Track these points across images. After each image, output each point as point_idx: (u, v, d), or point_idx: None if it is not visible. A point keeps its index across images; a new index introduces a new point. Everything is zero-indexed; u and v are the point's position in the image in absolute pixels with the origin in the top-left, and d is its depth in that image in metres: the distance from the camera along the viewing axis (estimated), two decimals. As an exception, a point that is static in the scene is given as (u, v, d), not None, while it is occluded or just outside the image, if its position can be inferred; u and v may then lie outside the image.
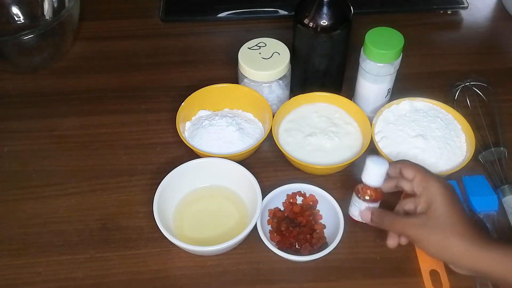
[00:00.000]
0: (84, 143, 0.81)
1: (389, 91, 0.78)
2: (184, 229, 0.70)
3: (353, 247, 0.69)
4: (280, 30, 0.88)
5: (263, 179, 0.74)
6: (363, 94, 0.79)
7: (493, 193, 0.73)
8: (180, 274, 0.67)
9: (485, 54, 0.93)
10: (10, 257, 0.69)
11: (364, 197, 0.64)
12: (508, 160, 0.77)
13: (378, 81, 0.76)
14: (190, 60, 0.93)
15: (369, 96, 0.79)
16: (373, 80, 0.76)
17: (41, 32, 0.83)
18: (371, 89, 0.77)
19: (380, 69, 0.74)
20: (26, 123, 0.84)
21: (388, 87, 0.77)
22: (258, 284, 0.66)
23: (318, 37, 0.76)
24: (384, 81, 0.76)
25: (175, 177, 0.70)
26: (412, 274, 0.67)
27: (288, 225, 0.68)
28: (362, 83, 0.77)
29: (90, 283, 0.67)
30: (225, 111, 0.81)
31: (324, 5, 0.73)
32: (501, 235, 0.69)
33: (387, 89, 0.77)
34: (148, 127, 0.83)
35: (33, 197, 0.75)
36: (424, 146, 0.73)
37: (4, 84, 0.90)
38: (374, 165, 0.62)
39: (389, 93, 0.79)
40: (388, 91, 0.78)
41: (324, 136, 0.76)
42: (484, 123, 0.80)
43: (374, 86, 0.77)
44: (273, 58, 0.78)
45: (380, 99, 0.79)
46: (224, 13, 1.00)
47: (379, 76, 0.75)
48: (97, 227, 0.72)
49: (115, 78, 0.90)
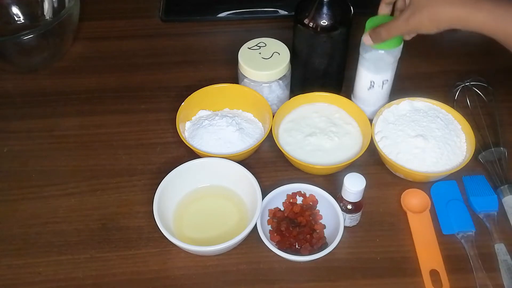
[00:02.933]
0: (84, 143, 0.81)
1: (384, 82, 0.77)
2: (184, 229, 0.70)
3: (353, 247, 0.69)
4: (280, 30, 0.88)
5: (263, 179, 0.74)
6: (362, 84, 0.78)
7: (493, 193, 0.73)
8: (180, 274, 0.67)
9: (485, 54, 0.93)
10: (10, 257, 0.69)
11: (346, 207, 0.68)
12: (508, 160, 0.77)
13: (378, 70, 0.75)
14: (190, 60, 0.93)
15: (366, 87, 0.78)
16: (373, 70, 0.75)
17: (41, 32, 0.83)
18: (370, 79, 0.77)
19: (380, 57, 0.74)
20: (26, 123, 0.84)
21: (385, 78, 0.77)
22: (258, 284, 0.66)
23: (318, 37, 0.76)
24: (386, 71, 0.75)
25: (175, 177, 0.70)
26: (412, 274, 0.67)
27: (288, 225, 0.68)
28: (361, 71, 0.77)
29: (90, 283, 0.67)
30: (225, 111, 0.81)
31: (324, 5, 0.73)
32: (501, 235, 0.69)
33: (383, 80, 0.77)
34: (148, 127, 0.83)
35: (33, 197, 0.75)
36: (424, 146, 0.73)
37: (4, 84, 0.90)
38: (351, 185, 0.65)
39: (386, 85, 0.78)
40: (383, 82, 0.77)
41: (324, 136, 0.76)
42: (484, 123, 0.80)
43: (373, 75, 0.76)
44: (273, 58, 0.78)
45: (378, 93, 0.78)
46: (224, 13, 1.00)
47: (379, 64, 0.75)
48: (97, 227, 0.72)
49: (115, 78, 0.90)
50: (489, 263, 0.67)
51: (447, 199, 0.73)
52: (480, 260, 0.66)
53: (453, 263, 0.67)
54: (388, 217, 0.72)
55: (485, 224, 0.70)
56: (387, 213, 0.72)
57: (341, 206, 0.68)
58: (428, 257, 0.67)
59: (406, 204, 0.72)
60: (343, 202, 0.68)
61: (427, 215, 0.71)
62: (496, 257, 0.67)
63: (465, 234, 0.69)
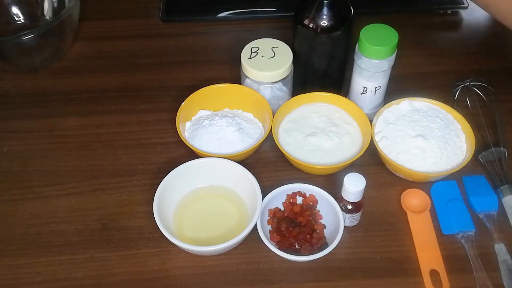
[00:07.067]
0: (84, 143, 0.81)
1: (377, 89, 0.78)
2: (184, 229, 0.70)
3: (353, 247, 0.69)
4: (280, 30, 0.88)
5: (263, 179, 0.74)
6: (355, 89, 0.79)
7: (493, 193, 0.73)
8: (180, 274, 0.67)
9: (485, 54, 0.93)
10: (10, 257, 0.69)
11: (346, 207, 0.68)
12: (508, 160, 0.77)
13: (370, 77, 0.76)
14: (190, 60, 0.93)
15: (359, 92, 0.78)
16: (366, 77, 0.76)
17: (41, 32, 0.83)
18: (363, 85, 0.77)
19: (373, 65, 0.74)
20: (26, 123, 0.84)
21: (378, 85, 0.77)
22: (258, 284, 0.66)
23: (318, 38, 0.76)
24: (379, 78, 0.76)
25: (175, 177, 0.70)
26: (412, 274, 0.67)
27: (288, 225, 0.68)
28: (355, 77, 0.78)
29: (90, 283, 0.67)
30: (225, 111, 0.81)
31: (324, 6, 0.73)
32: (501, 235, 0.69)
33: (375, 87, 0.77)
34: (148, 127, 0.83)
35: (33, 197, 0.75)
36: (424, 146, 0.73)
37: (4, 84, 0.90)
38: (351, 185, 0.65)
39: (379, 91, 0.78)
40: (376, 89, 0.77)
41: (324, 136, 0.77)
42: (484, 123, 0.80)
43: (366, 82, 0.76)
44: (276, 58, 0.78)
45: (371, 98, 0.79)
46: (224, 13, 1.00)
47: (372, 72, 0.75)
48: (97, 227, 0.72)
49: (115, 78, 0.90)
50: (489, 263, 0.66)
51: (447, 199, 0.73)
52: (480, 260, 0.66)
53: (453, 263, 0.67)
54: (388, 217, 0.72)
55: (485, 224, 0.70)
56: (387, 213, 0.72)
57: (341, 206, 0.68)
58: (428, 257, 0.67)
59: (406, 204, 0.72)
60: (343, 202, 0.68)
61: (427, 215, 0.71)
62: (496, 257, 0.67)
63: (465, 234, 0.69)
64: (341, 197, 0.68)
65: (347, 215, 0.68)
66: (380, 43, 0.72)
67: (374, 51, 0.72)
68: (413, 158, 0.73)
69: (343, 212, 0.68)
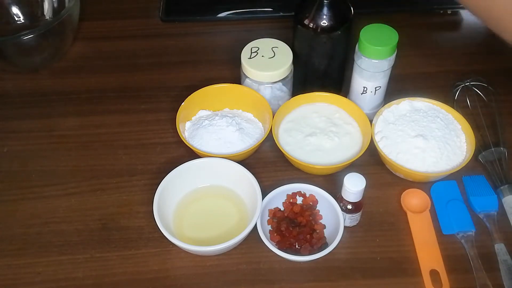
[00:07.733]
0: (84, 143, 0.81)
1: (377, 89, 0.78)
2: (184, 229, 0.70)
3: (353, 247, 0.69)
4: (280, 30, 0.88)
5: (263, 179, 0.74)
6: (355, 89, 0.79)
7: (493, 193, 0.73)
8: (180, 274, 0.67)
9: (485, 54, 0.93)
10: (10, 257, 0.69)
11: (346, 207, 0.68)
12: (508, 160, 0.77)
13: (370, 77, 0.76)
14: (190, 60, 0.93)
15: (359, 92, 0.78)
16: (366, 77, 0.76)
17: (41, 32, 0.83)
18: (363, 85, 0.77)
19: (373, 65, 0.74)
20: (26, 123, 0.84)
21: (378, 85, 0.77)
22: (258, 284, 0.66)
23: (318, 38, 0.76)
24: (378, 78, 0.76)
25: (175, 177, 0.70)
26: (412, 274, 0.67)
27: (288, 225, 0.68)
28: (355, 77, 0.78)
29: (90, 283, 0.67)
30: (225, 111, 0.81)
31: (324, 6, 0.73)
32: (501, 235, 0.69)
33: (375, 87, 0.77)
34: (148, 127, 0.83)
35: (33, 197, 0.75)
36: (424, 146, 0.73)
37: (4, 84, 0.90)
38: (351, 185, 0.65)
39: (379, 91, 0.78)
40: (376, 89, 0.77)
41: (324, 136, 0.77)
42: (484, 123, 0.80)
43: (366, 82, 0.76)
44: (276, 58, 0.78)
45: (371, 98, 0.79)
46: (224, 13, 1.00)
47: (372, 72, 0.75)
48: (97, 227, 0.72)
49: (115, 78, 0.90)
50: (489, 263, 0.66)
51: (447, 199, 0.73)
52: (480, 260, 0.66)
53: (453, 263, 0.67)
54: (388, 217, 0.72)
55: (485, 224, 0.70)
56: (387, 213, 0.72)
57: (341, 206, 0.68)
58: (428, 257, 0.67)
59: (406, 204, 0.72)
60: (343, 202, 0.68)
61: (427, 215, 0.71)
62: (496, 257, 0.67)
63: (465, 234, 0.69)
64: (341, 197, 0.68)
65: (347, 215, 0.68)
66: (380, 43, 0.72)
67: (374, 51, 0.72)
68: (413, 158, 0.73)
69: (343, 212, 0.68)
